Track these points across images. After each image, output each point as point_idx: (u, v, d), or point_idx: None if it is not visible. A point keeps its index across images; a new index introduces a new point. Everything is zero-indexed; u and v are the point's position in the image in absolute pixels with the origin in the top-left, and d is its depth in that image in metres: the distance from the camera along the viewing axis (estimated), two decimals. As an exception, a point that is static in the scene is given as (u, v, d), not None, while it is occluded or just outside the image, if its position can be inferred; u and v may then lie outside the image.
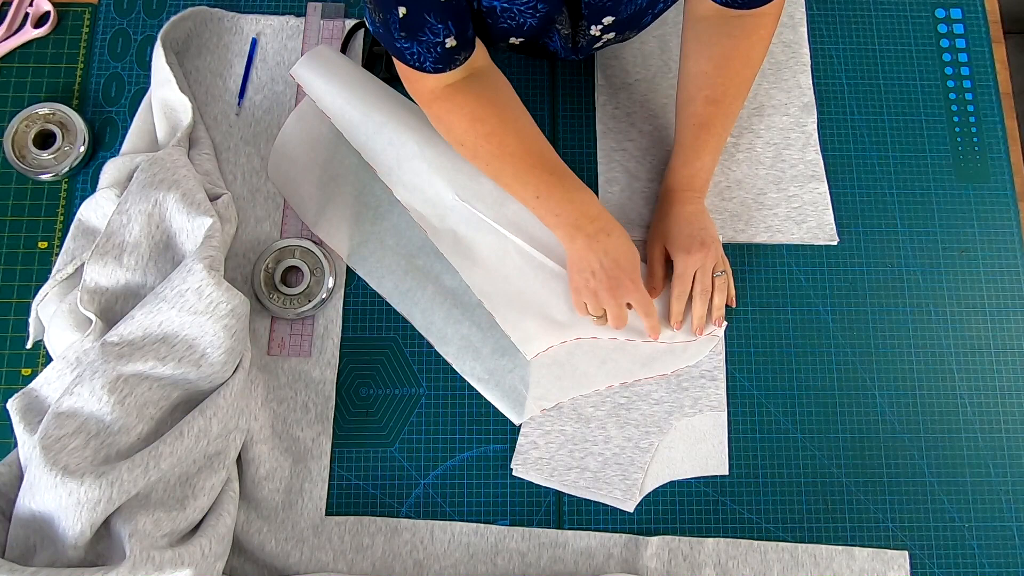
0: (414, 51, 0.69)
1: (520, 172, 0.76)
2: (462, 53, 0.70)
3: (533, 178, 0.77)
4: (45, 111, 0.86)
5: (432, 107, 0.76)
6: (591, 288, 0.79)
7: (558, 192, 0.77)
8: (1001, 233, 0.89)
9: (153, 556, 0.64)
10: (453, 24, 0.67)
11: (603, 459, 0.81)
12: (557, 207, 0.77)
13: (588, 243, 0.77)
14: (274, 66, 0.90)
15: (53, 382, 0.74)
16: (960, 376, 0.84)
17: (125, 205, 0.76)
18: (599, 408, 0.82)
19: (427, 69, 0.71)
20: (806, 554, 0.79)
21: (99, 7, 0.92)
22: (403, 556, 0.78)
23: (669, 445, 0.81)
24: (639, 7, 0.74)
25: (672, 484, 0.81)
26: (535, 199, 0.77)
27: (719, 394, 0.82)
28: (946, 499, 0.81)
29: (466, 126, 0.75)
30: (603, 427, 0.81)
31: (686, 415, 0.82)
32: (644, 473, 0.80)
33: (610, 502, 0.80)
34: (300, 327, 0.84)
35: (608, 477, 0.80)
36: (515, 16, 0.71)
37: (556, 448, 0.81)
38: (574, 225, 0.77)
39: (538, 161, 0.77)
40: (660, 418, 0.81)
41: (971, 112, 0.92)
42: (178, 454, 0.70)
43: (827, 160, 0.89)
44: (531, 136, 0.77)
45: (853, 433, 0.83)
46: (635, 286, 0.79)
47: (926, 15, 0.95)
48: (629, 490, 0.80)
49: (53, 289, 0.78)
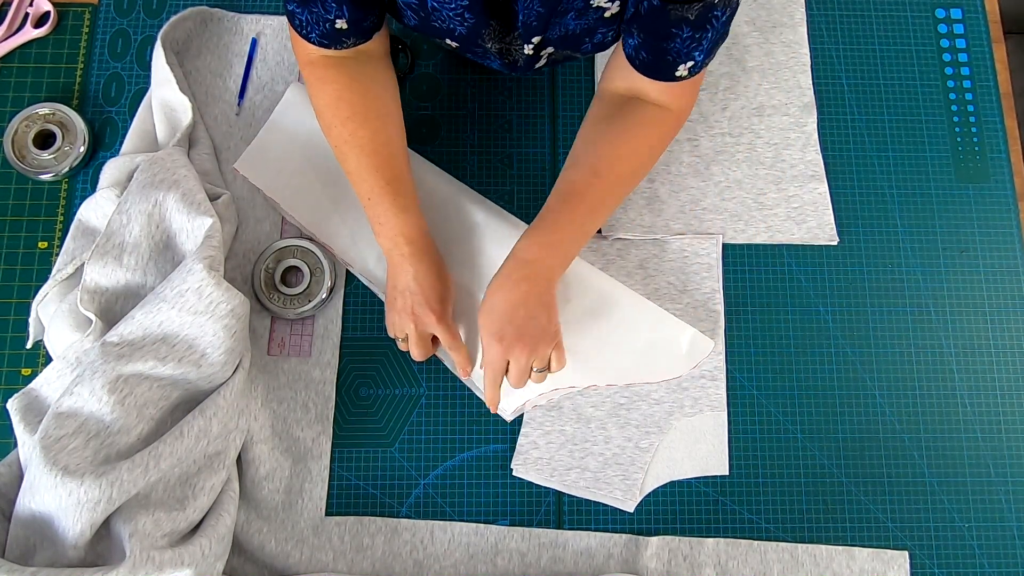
0: (303, 18, 0.68)
1: (362, 168, 0.74)
2: (352, 38, 0.69)
3: (371, 179, 0.74)
4: (45, 111, 0.86)
5: (306, 70, 0.75)
6: (397, 308, 0.77)
7: (387, 202, 0.74)
8: (1001, 233, 0.89)
9: (153, 556, 0.64)
10: (348, 9, 0.66)
11: (603, 459, 0.81)
12: (383, 216, 0.75)
13: (399, 263, 0.75)
14: (274, 66, 0.90)
15: (53, 382, 0.74)
16: (960, 376, 0.84)
17: (125, 205, 0.76)
18: (599, 408, 0.82)
19: (312, 40, 0.70)
20: (806, 554, 0.79)
21: (99, 7, 0.92)
22: (403, 556, 0.78)
23: (669, 445, 0.81)
24: (570, 32, 0.70)
25: (672, 484, 0.81)
26: (367, 200, 0.75)
27: (719, 394, 0.82)
28: (946, 499, 0.81)
29: (328, 101, 0.74)
30: (603, 427, 0.81)
31: (686, 415, 0.82)
32: (644, 473, 0.80)
33: (610, 502, 0.80)
34: (300, 327, 0.84)
35: (608, 477, 0.80)
36: (444, 20, 0.70)
37: (556, 448, 0.81)
38: (392, 240, 0.75)
39: (382, 165, 0.74)
40: (660, 418, 0.81)
41: (971, 112, 0.92)
42: (178, 454, 0.70)
43: (827, 160, 0.89)
44: (386, 139, 0.75)
45: (853, 433, 0.83)
46: (437, 320, 0.75)
47: (926, 15, 0.95)
48: (629, 490, 0.80)
49: (53, 289, 0.78)
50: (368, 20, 0.69)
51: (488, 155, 0.90)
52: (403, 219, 0.75)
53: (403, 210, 0.75)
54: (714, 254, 0.86)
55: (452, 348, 0.77)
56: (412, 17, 0.71)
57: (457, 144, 0.90)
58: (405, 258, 0.75)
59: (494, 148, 0.90)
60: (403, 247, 0.75)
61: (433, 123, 0.90)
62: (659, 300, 0.84)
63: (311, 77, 0.75)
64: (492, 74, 0.91)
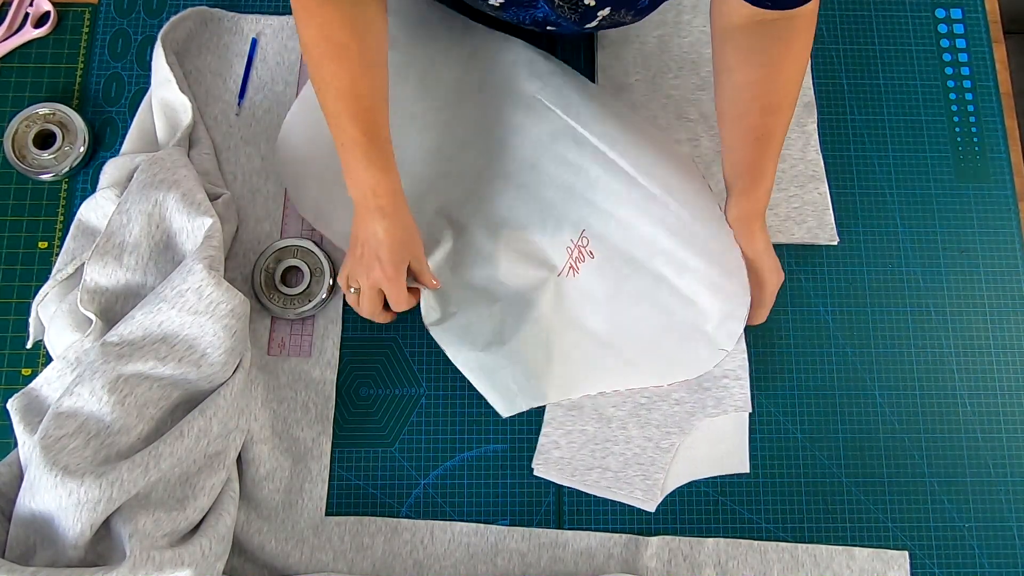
0: None
1: (338, 113, 0.72)
2: None
3: (346, 126, 0.71)
4: (45, 111, 0.86)
5: (296, 4, 0.71)
6: (353, 258, 0.76)
7: (359, 153, 0.72)
8: (1001, 233, 0.89)
9: (153, 556, 0.64)
10: None
11: (624, 459, 0.80)
12: (354, 169, 0.73)
13: (363, 216, 0.74)
14: (274, 66, 0.90)
15: (53, 382, 0.74)
16: (960, 376, 0.85)
17: (125, 205, 0.76)
18: (620, 408, 0.82)
19: None
20: (806, 554, 0.79)
21: (99, 7, 0.92)
22: (403, 556, 0.78)
23: (690, 445, 0.81)
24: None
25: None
26: (340, 145, 0.73)
27: (744, 393, 0.82)
28: (946, 499, 0.81)
29: (312, 36, 0.71)
30: (624, 427, 0.81)
31: (709, 415, 0.81)
32: (665, 473, 0.80)
33: (631, 502, 0.80)
34: (300, 327, 0.84)
35: (629, 477, 0.80)
36: None
37: (577, 448, 0.81)
38: (361, 193, 0.73)
39: (360, 113, 0.71)
40: (681, 418, 0.81)
41: (971, 112, 0.92)
42: (178, 454, 0.70)
43: (827, 160, 0.89)
44: (368, 88, 0.72)
45: (853, 433, 0.83)
46: (389, 276, 0.74)
47: (926, 15, 0.95)
48: (650, 490, 0.80)
49: (53, 289, 0.78)
50: None
51: (488, 155, 0.90)
52: (373, 172, 0.73)
53: (374, 164, 0.73)
54: None
55: (396, 305, 0.77)
56: None
57: (457, 144, 0.90)
58: (371, 211, 0.73)
59: (494, 148, 0.90)
60: (369, 201, 0.73)
61: (433, 123, 0.90)
62: None
63: (300, 10, 0.71)
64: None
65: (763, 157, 0.77)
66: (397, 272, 0.75)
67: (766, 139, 0.76)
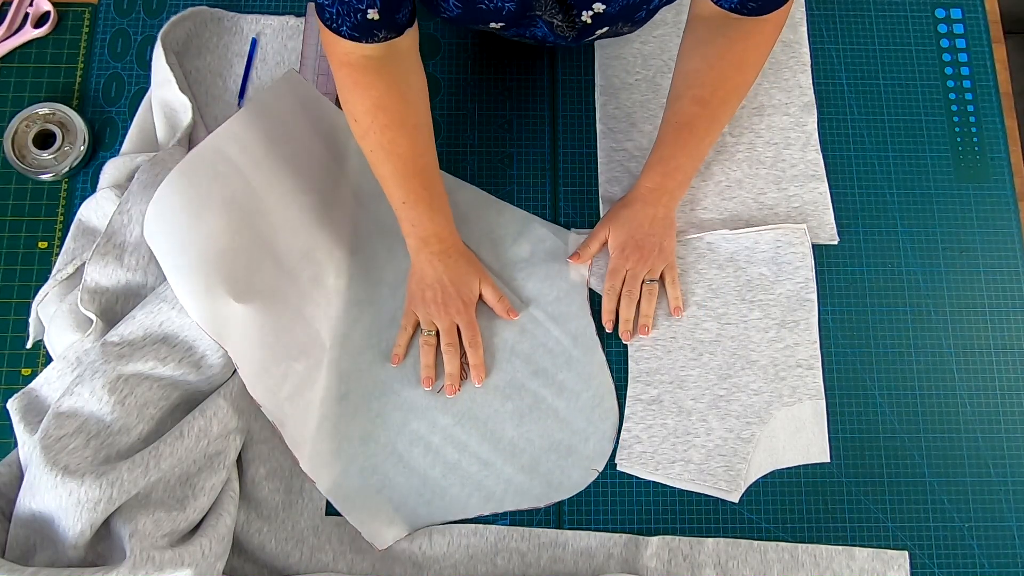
0: (334, 10, 0.66)
1: (399, 175, 0.76)
2: (383, 31, 0.68)
3: (408, 184, 0.77)
4: (45, 111, 0.86)
5: (340, 71, 0.73)
6: (426, 299, 0.81)
7: (423, 205, 0.78)
8: (1001, 233, 0.89)
9: (153, 556, 0.64)
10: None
11: (706, 451, 0.81)
12: (417, 219, 0.78)
13: (430, 258, 0.80)
14: (274, 66, 0.90)
15: (53, 382, 0.74)
16: (960, 376, 0.85)
17: (126, 205, 0.76)
18: (699, 401, 0.82)
19: (343, 34, 0.68)
20: (806, 554, 0.79)
21: (99, 7, 0.92)
22: (403, 556, 0.78)
23: (771, 435, 0.81)
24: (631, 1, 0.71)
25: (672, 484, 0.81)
26: (402, 203, 0.78)
27: (816, 382, 0.82)
28: (946, 499, 0.81)
29: (367, 108, 0.73)
30: (704, 419, 0.81)
31: (785, 404, 0.82)
32: (748, 464, 0.80)
33: (716, 493, 0.80)
34: (300, 327, 0.84)
35: (712, 469, 0.80)
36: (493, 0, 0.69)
37: (659, 442, 0.81)
38: (423, 240, 0.79)
39: (420, 171, 0.77)
40: (760, 408, 0.81)
41: (971, 112, 0.92)
42: (178, 454, 0.70)
43: (827, 160, 0.89)
44: (423, 144, 0.77)
45: (853, 433, 0.83)
46: (465, 310, 0.81)
47: (926, 15, 0.95)
48: (734, 480, 0.80)
49: (53, 289, 0.78)
50: (401, 12, 0.67)
51: (488, 155, 0.90)
52: (437, 220, 0.79)
53: (438, 211, 0.79)
54: (806, 243, 0.85)
55: (471, 343, 0.81)
56: (455, 6, 0.71)
57: (457, 144, 0.90)
58: (435, 255, 0.80)
59: (494, 148, 0.90)
60: (434, 245, 0.79)
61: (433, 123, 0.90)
62: (752, 291, 0.84)
63: (347, 80, 0.72)
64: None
65: (675, 144, 0.79)
66: (473, 300, 0.82)
67: (685, 128, 0.78)
